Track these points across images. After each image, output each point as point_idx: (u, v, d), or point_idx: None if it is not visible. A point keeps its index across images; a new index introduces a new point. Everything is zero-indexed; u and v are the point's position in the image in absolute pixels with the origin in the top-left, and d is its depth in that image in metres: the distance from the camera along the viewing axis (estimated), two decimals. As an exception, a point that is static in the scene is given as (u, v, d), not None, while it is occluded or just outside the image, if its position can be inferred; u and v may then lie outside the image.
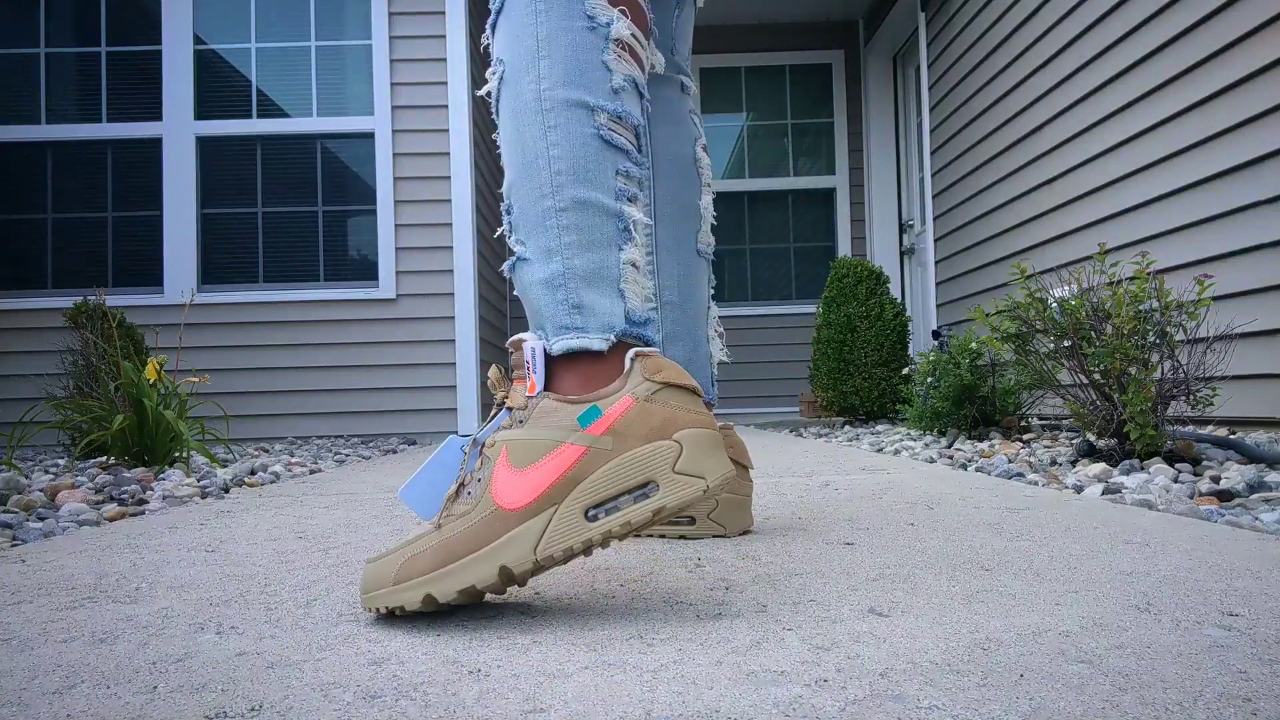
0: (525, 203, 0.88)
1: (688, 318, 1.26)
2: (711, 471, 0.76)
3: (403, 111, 4.84)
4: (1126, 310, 1.97)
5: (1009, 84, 4.05)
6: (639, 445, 0.76)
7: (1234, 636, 0.67)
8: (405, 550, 0.78)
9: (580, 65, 0.88)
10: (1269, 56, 2.41)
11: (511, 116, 0.88)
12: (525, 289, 0.87)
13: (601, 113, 0.87)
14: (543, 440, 0.77)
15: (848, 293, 4.62)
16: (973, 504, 1.44)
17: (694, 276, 1.28)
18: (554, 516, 0.74)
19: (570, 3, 0.89)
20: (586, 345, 0.81)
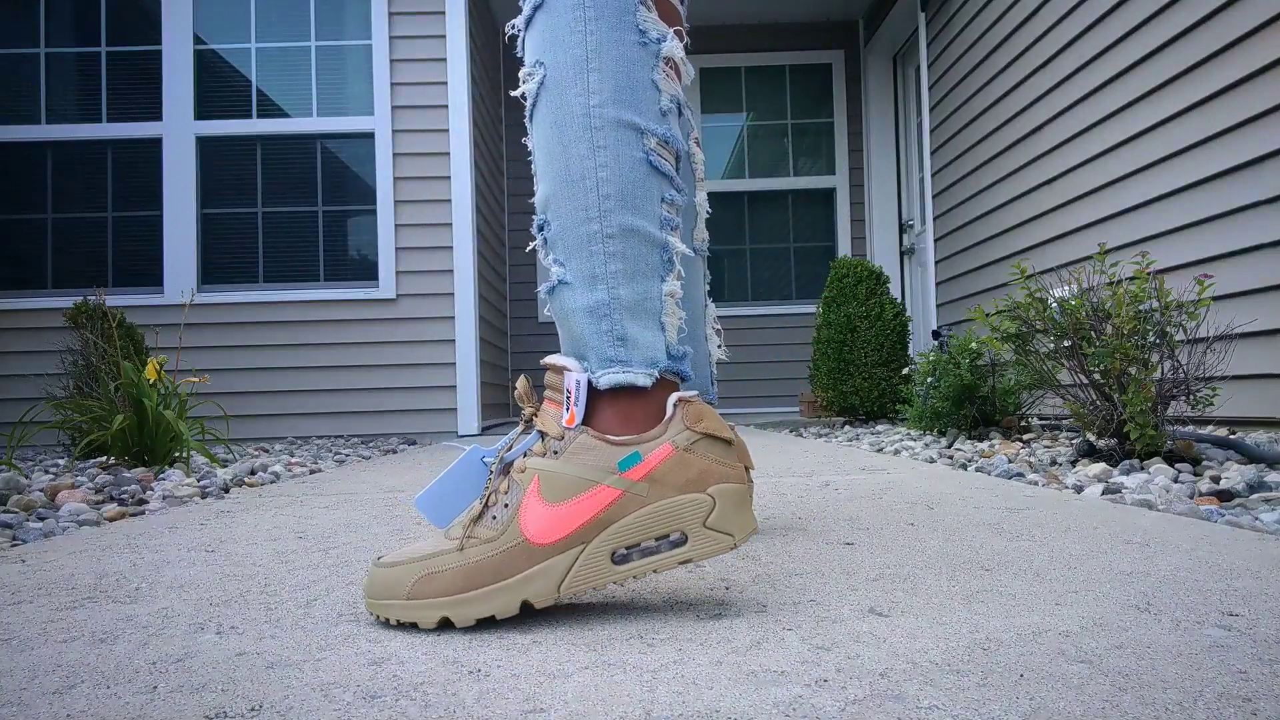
0: (568, 223, 0.84)
1: (688, 317, 1.22)
2: (740, 530, 0.78)
3: (403, 111, 4.84)
4: (1126, 310, 1.97)
5: (1009, 84, 4.05)
6: (674, 495, 0.77)
7: (1234, 636, 0.67)
8: (422, 565, 0.76)
9: (631, 83, 0.85)
10: (1269, 56, 2.41)
11: (554, 128, 0.84)
12: (566, 314, 0.84)
13: (651, 136, 0.86)
14: (579, 479, 0.77)
15: (848, 293, 4.62)
16: (973, 504, 1.44)
17: (692, 275, 1.24)
18: (581, 556, 0.75)
19: (621, 14, 0.86)
20: (632, 381, 0.81)
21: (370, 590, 0.78)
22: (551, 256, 0.85)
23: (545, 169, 0.86)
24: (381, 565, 0.78)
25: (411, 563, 0.77)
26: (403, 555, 0.78)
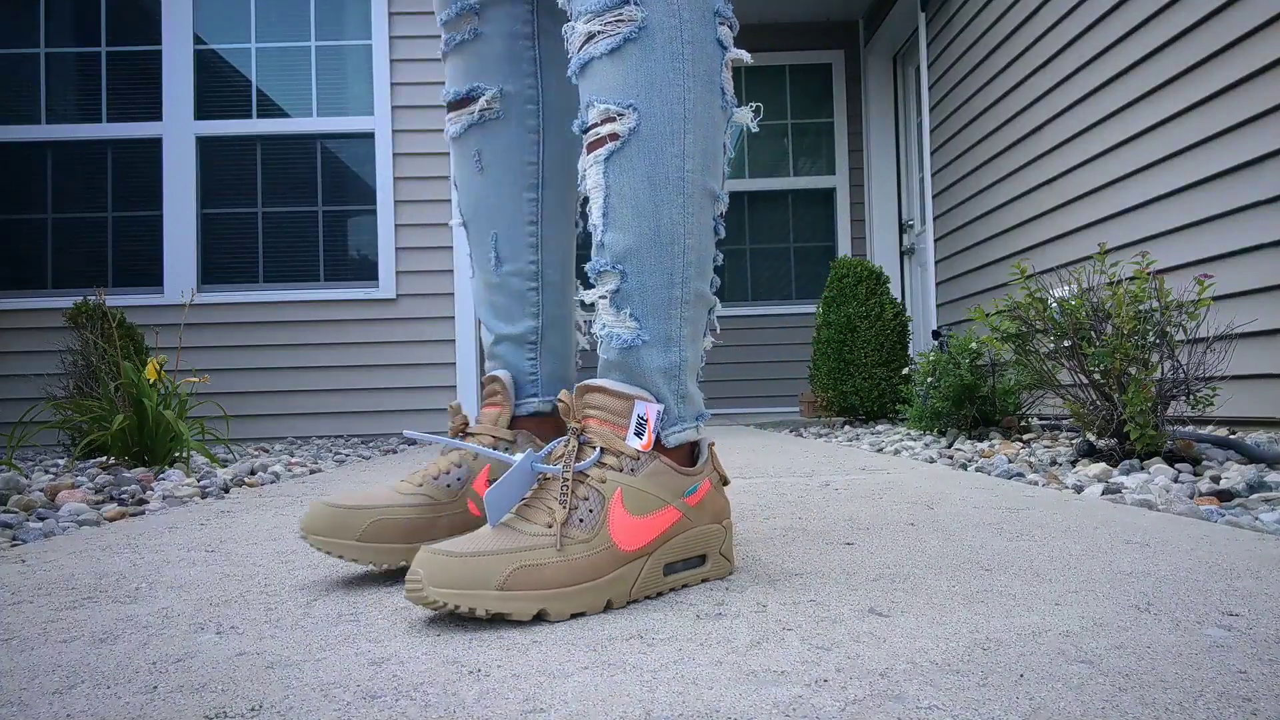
0: (650, 283, 0.86)
1: (566, 300, 1.15)
2: (734, 558, 0.97)
3: (403, 111, 4.84)
4: (1126, 310, 1.97)
5: (1009, 84, 4.05)
6: (707, 523, 0.90)
7: (1234, 636, 0.67)
8: (514, 558, 0.76)
9: (713, 149, 0.88)
10: (1269, 56, 2.41)
11: (649, 184, 0.85)
12: (641, 371, 0.87)
13: (720, 203, 0.91)
14: (658, 498, 0.85)
15: (848, 293, 4.62)
16: (973, 504, 1.44)
17: (573, 253, 1.17)
18: (646, 565, 0.84)
19: (711, 73, 0.87)
20: (693, 437, 0.91)
21: (444, 579, 0.74)
22: (627, 311, 0.86)
23: (631, 222, 0.86)
24: (441, 553, 0.75)
25: (499, 555, 0.76)
26: (472, 546, 0.76)
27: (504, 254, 1.08)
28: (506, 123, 1.07)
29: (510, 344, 1.08)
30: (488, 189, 1.07)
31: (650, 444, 0.85)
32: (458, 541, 0.78)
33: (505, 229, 1.08)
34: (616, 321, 0.86)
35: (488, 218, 1.08)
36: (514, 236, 1.08)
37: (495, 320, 1.09)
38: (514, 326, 1.09)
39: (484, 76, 1.06)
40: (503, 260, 1.08)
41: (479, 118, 1.06)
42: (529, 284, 1.10)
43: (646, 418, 0.85)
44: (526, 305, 1.09)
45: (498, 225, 1.08)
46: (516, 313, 1.09)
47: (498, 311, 1.09)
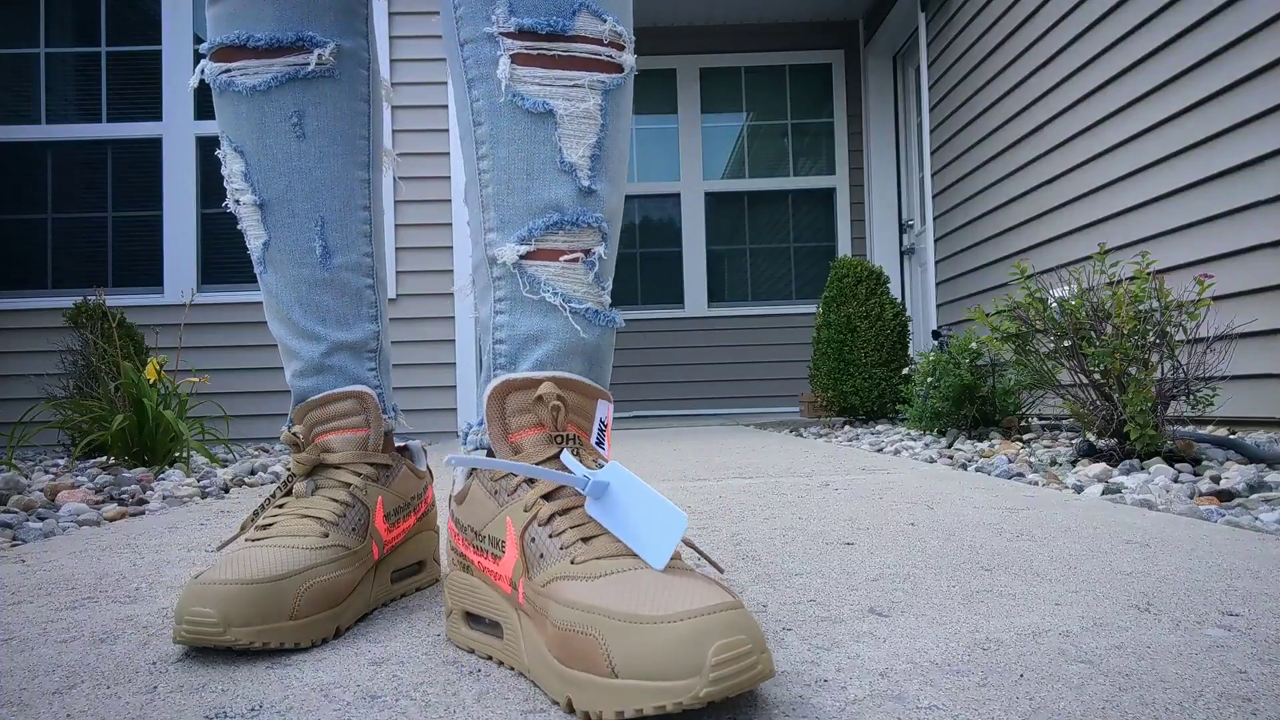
0: (613, 250, 0.75)
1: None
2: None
3: (403, 111, 4.84)
4: (1126, 310, 1.97)
5: (1009, 84, 4.05)
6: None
7: (1234, 636, 0.67)
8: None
9: None
10: (1269, 56, 2.41)
11: (624, 135, 0.75)
12: (604, 361, 0.74)
13: None
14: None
15: (848, 293, 4.62)
16: (973, 504, 1.44)
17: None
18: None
19: None
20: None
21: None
22: (605, 282, 0.74)
23: (616, 174, 0.74)
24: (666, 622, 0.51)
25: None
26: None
27: (334, 243, 0.88)
28: (339, 84, 0.88)
29: (349, 354, 0.89)
30: (311, 162, 0.87)
31: (609, 452, 0.73)
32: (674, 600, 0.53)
33: (336, 213, 0.89)
34: (592, 292, 0.72)
35: (309, 198, 0.87)
36: (347, 222, 0.90)
37: (321, 325, 0.88)
38: (350, 332, 0.90)
39: (313, 24, 0.86)
40: (332, 252, 0.88)
41: (308, 71, 0.86)
42: (365, 280, 0.91)
43: (607, 421, 0.72)
44: (364, 305, 0.91)
45: (326, 208, 0.88)
46: (351, 315, 0.90)
47: (326, 314, 0.88)
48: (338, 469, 0.84)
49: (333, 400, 0.86)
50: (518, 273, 0.70)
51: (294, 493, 0.82)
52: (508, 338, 0.71)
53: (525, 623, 0.61)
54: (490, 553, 0.66)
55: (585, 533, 0.61)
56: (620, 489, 0.61)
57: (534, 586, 0.60)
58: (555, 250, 0.70)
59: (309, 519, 0.78)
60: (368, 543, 0.81)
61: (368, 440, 0.86)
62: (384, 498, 0.85)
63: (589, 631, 0.53)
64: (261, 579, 0.68)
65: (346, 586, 0.75)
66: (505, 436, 0.68)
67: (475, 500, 0.69)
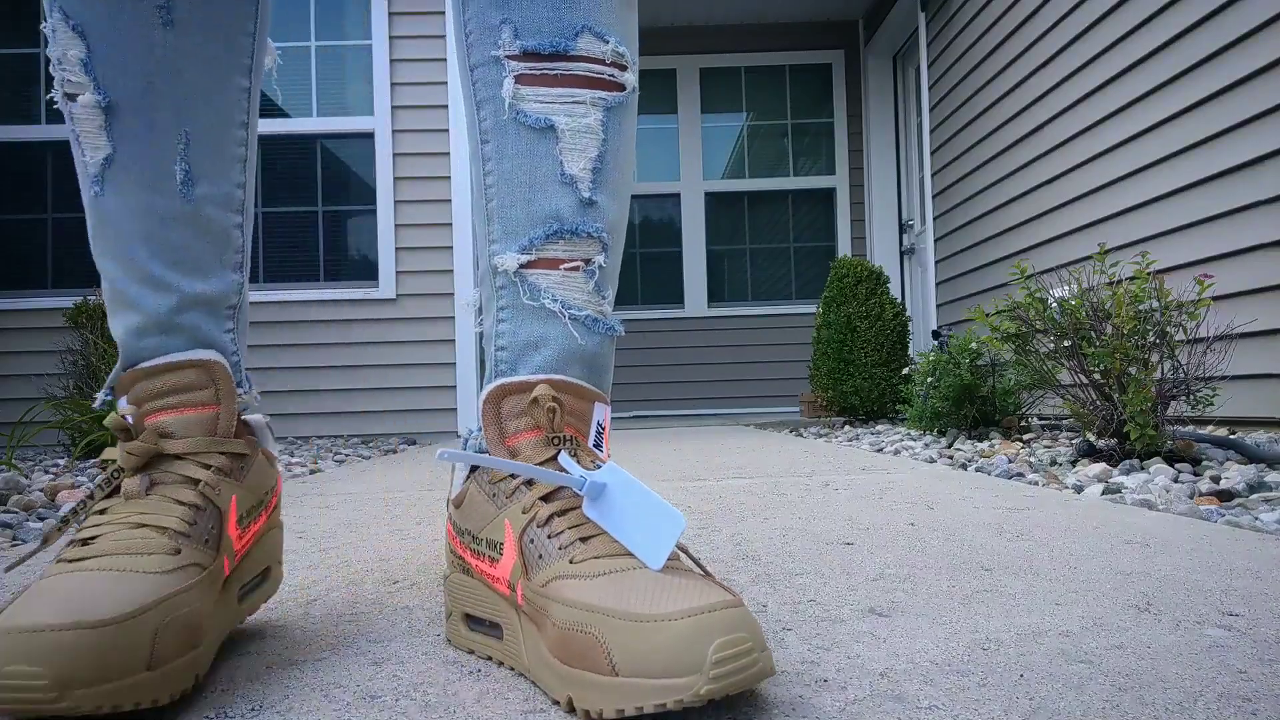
0: (615, 263, 0.75)
1: None
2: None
3: (403, 111, 4.84)
4: (1126, 310, 1.97)
5: (1009, 84, 4.05)
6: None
7: (1234, 636, 0.67)
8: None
9: None
10: (1269, 56, 2.41)
11: (629, 153, 0.75)
12: (605, 368, 0.74)
13: None
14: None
15: (848, 293, 4.62)
16: (973, 504, 1.44)
17: None
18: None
19: None
20: None
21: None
22: (606, 291, 0.73)
23: (618, 188, 0.74)
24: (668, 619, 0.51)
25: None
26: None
27: (201, 167, 0.72)
28: None
29: (205, 311, 0.72)
30: (182, 59, 0.70)
31: (607, 455, 0.72)
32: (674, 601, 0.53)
33: (208, 129, 0.72)
34: (591, 300, 0.72)
35: (175, 106, 0.70)
36: (220, 142, 0.73)
37: (173, 271, 0.71)
38: (209, 282, 0.73)
39: None
40: (197, 178, 0.71)
41: None
42: (234, 217, 0.75)
43: (605, 424, 0.72)
44: (229, 250, 0.75)
45: (195, 121, 0.71)
46: (213, 261, 0.73)
47: (181, 258, 0.71)
48: (180, 460, 0.66)
49: (171, 370, 0.68)
50: (518, 281, 0.70)
51: (122, 493, 0.63)
52: (508, 344, 0.71)
53: (525, 623, 0.61)
54: (488, 556, 0.66)
55: (583, 533, 0.61)
56: (618, 490, 0.61)
57: (533, 587, 0.60)
58: (555, 259, 0.70)
59: (149, 529, 0.60)
60: (221, 557, 0.64)
61: (217, 421, 0.69)
62: (238, 496, 0.69)
63: (589, 630, 0.53)
64: (107, 619, 0.50)
65: (207, 618, 0.59)
66: (502, 440, 0.68)
67: (473, 503, 0.69)
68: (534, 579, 0.60)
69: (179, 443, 0.66)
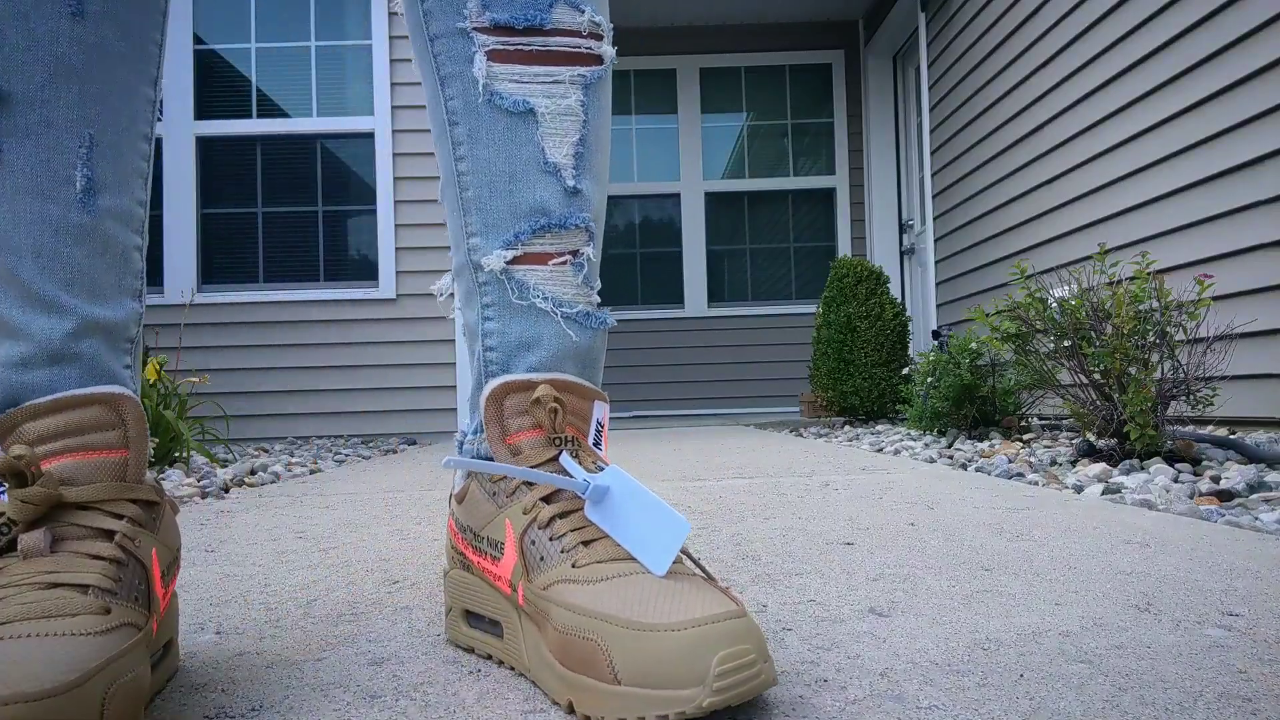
0: (598, 249, 0.71)
1: None
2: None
3: (403, 111, 4.84)
4: (1126, 310, 1.97)
5: (1009, 84, 4.05)
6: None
7: (1234, 636, 0.67)
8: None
9: None
10: (1269, 56, 2.41)
11: (607, 130, 0.71)
12: (598, 363, 0.71)
13: None
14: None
15: (848, 293, 4.62)
16: (973, 504, 1.44)
17: None
18: None
19: None
20: None
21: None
22: (594, 283, 0.70)
23: (600, 172, 0.70)
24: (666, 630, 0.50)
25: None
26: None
27: (103, 176, 0.63)
28: None
29: (103, 340, 0.63)
30: (86, 53, 0.62)
31: (606, 453, 0.73)
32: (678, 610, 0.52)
33: (113, 134, 0.64)
34: (582, 294, 0.69)
35: (78, 104, 0.62)
36: (124, 152, 0.65)
37: (68, 292, 0.61)
38: (108, 307, 0.63)
39: None
40: (99, 188, 0.63)
41: None
42: (135, 239, 0.66)
43: (604, 421, 0.71)
44: (129, 275, 0.66)
45: (100, 123, 0.63)
46: (110, 284, 0.64)
47: (76, 277, 0.61)
48: (86, 510, 0.56)
49: (72, 406, 0.58)
50: (505, 279, 0.67)
51: (20, 550, 0.53)
52: (498, 345, 0.68)
53: (526, 624, 0.61)
54: (489, 554, 0.66)
55: (586, 536, 0.60)
56: (621, 494, 0.60)
57: (534, 589, 0.59)
58: (543, 254, 0.67)
59: (66, 589, 0.51)
60: (152, 617, 0.55)
61: (126, 468, 0.60)
62: (158, 551, 0.59)
63: (591, 636, 0.52)
64: (49, 689, 0.43)
65: (146, 687, 0.50)
66: (503, 439, 0.66)
67: (474, 501, 0.69)
68: (535, 581, 0.59)
69: (83, 489, 0.56)
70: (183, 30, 4.84)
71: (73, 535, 0.54)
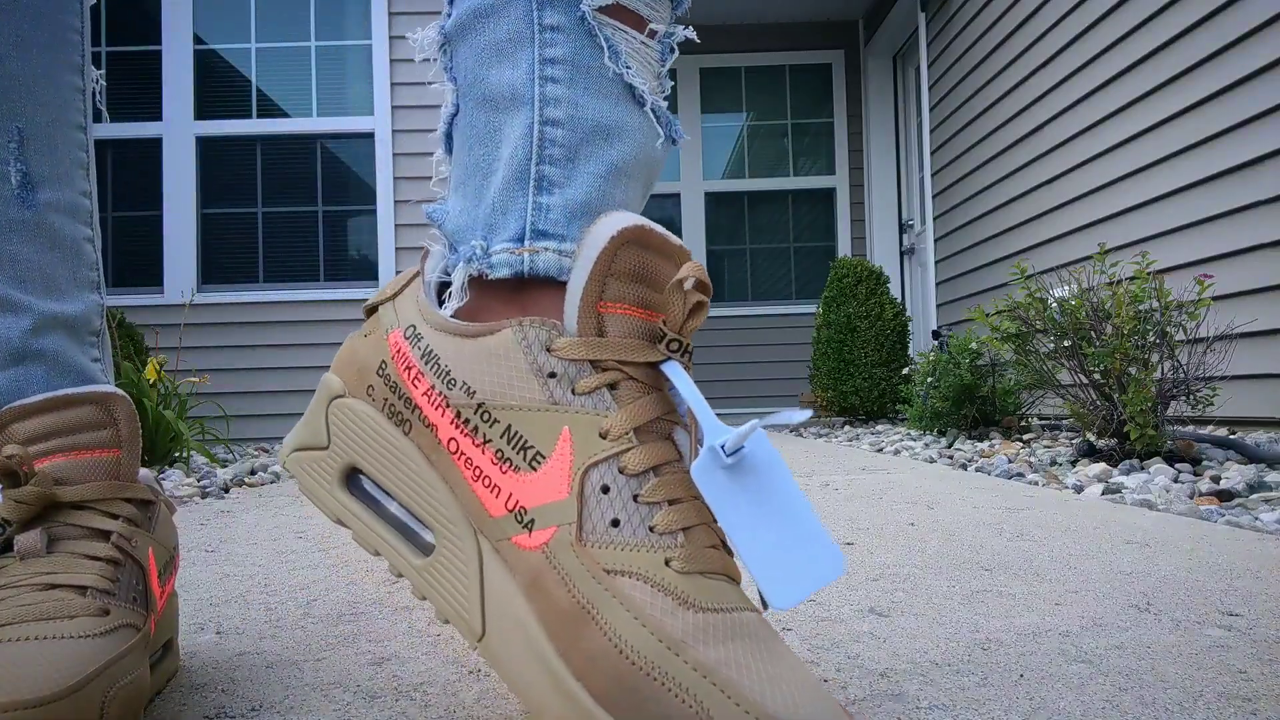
0: None
1: None
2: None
3: (403, 111, 4.84)
4: (1126, 310, 1.97)
5: (1009, 84, 4.05)
6: None
7: (1234, 636, 0.67)
8: None
9: None
10: (1269, 56, 2.41)
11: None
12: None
13: None
14: None
15: (848, 293, 4.62)
16: (973, 504, 1.44)
17: None
18: None
19: None
20: None
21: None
22: (665, 88, 0.56)
23: None
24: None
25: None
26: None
27: (39, 170, 0.62)
28: None
29: (65, 334, 0.62)
30: (2, 45, 0.61)
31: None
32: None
33: (42, 126, 0.63)
34: (660, 91, 0.54)
35: (1, 96, 0.61)
36: (57, 143, 0.65)
37: (21, 289, 0.60)
38: (65, 302, 0.62)
39: None
40: (37, 182, 0.62)
41: None
42: (84, 230, 0.66)
43: None
44: (83, 267, 0.65)
45: (27, 115, 0.62)
46: (66, 279, 0.63)
47: (28, 274, 0.61)
48: (81, 510, 0.56)
49: (62, 405, 0.58)
50: (594, 26, 0.48)
51: (16, 550, 0.53)
52: (567, 119, 0.48)
53: (495, 567, 0.43)
54: (486, 438, 0.44)
55: (684, 517, 0.42)
56: (761, 470, 0.41)
57: (583, 557, 0.41)
58: (638, 15, 0.49)
59: (64, 590, 0.51)
60: (150, 617, 0.55)
61: (119, 467, 0.59)
62: (155, 550, 0.59)
63: (680, 692, 0.37)
64: (47, 695, 0.42)
65: (147, 689, 0.50)
66: (595, 301, 0.44)
67: (498, 347, 0.45)
68: (589, 546, 0.41)
69: (78, 489, 0.56)
70: (183, 30, 4.84)
71: (69, 535, 0.54)
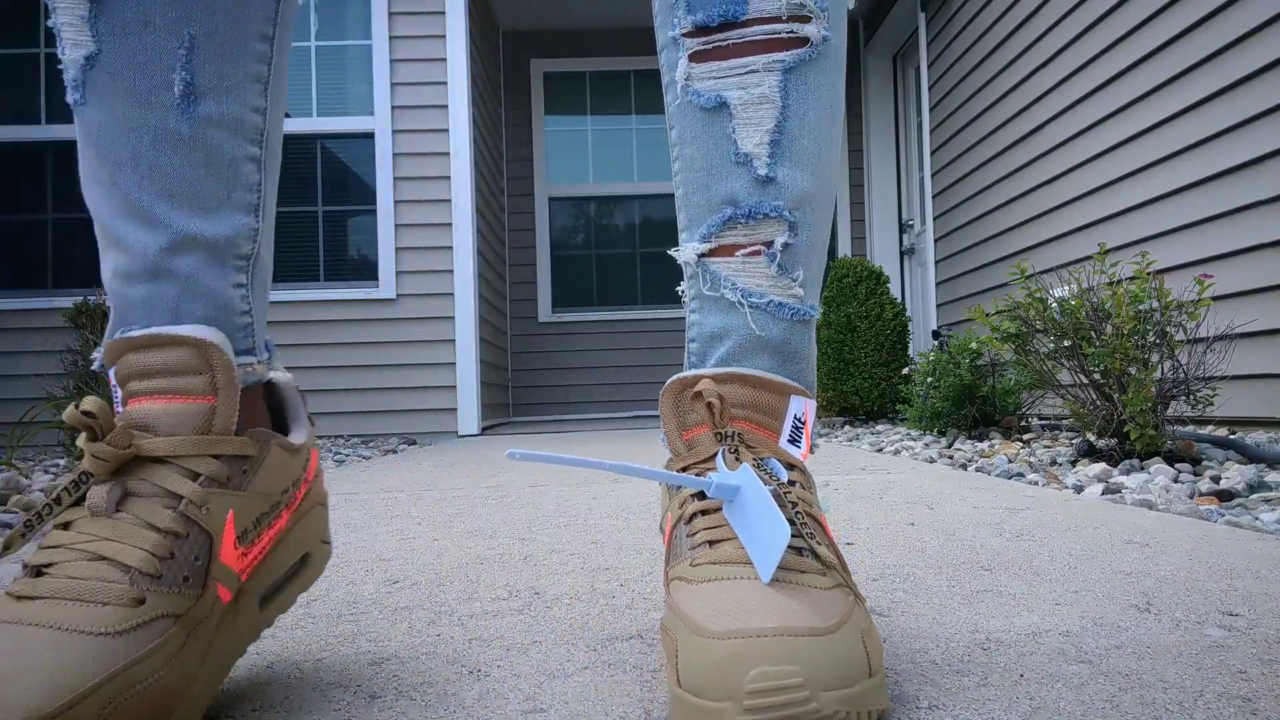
0: (818, 240, 0.68)
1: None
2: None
3: (403, 111, 4.84)
4: (1126, 310, 1.97)
5: (1009, 84, 4.05)
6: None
7: (1234, 636, 0.67)
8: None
9: None
10: (1269, 56, 2.41)
11: (830, 112, 0.67)
12: (800, 356, 0.68)
13: None
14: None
15: (848, 293, 4.62)
16: (973, 504, 1.44)
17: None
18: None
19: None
20: None
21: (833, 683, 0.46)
22: (797, 274, 0.66)
23: (810, 159, 0.67)
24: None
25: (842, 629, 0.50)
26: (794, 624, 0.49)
27: (205, 80, 0.59)
28: None
29: (205, 256, 0.60)
30: None
31: (809, 452, 0.67)
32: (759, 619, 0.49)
33: (217, 33, 0.59)
34: (777, 285, 0.66)
35: (176, 1, 0.58)
36: (232, 52, 0.61)
37: (166, 203, 0.59)
38: (210, 222, 0.60)
39: None
40: (200, 93, 0.59)
41: None
42: (250, 147, 0.63)
43: (804, 418, 0.67)
44: (239, 187, 0.62)
45: (201, 21, 0.59)
46: (215, 197, 0.61)
47: (175, 188, 0.59)
48: (161, 465, 0.53)
49: (158, 344, 0.55)
50: (701, 270, 0.67)
51: (88, 505, 0.52)
52: (697, 336, 0.68)
53: None
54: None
55: (714, 535, 0.58)
56: (748, 494, 0.57)
57: (667, 578, 0.59)
58: (733, 245, 0.65)
59: (110, 565, 0.49)
60: (209, 595, 0.52)
61: (212, 416, 0.55)
62: (237, 510, 0.55)
63: (672, 635, 0.52)
64: (31, 714, 0.41)
65: (178, 685, 0.48)
66: (680, 434, 0.65)
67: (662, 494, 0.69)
68: (670, 571, 0.59)
69: (161, 443, 0.53)
70: (183, 30, 4.83)
71: (142, 492, 0.52)
